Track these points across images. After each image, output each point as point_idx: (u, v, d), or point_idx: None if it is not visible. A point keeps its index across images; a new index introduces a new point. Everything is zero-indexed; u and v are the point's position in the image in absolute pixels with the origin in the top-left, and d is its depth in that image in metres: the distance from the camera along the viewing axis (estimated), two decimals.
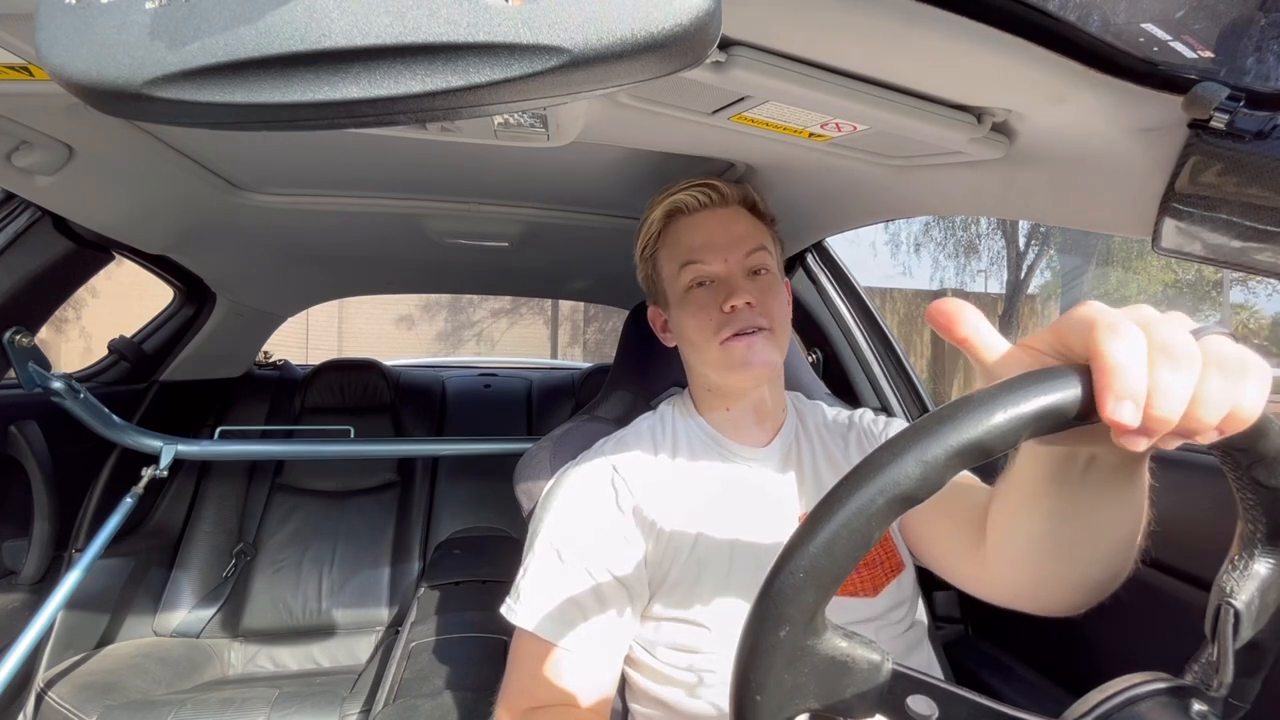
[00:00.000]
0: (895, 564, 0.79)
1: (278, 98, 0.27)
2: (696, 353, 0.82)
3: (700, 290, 0.80)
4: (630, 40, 0.26)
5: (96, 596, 1.60)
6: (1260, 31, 0.47)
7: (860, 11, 0.49)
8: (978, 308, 0.37)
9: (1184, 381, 0.32)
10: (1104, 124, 0.60)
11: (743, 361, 0.77)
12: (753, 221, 0.84)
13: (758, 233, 0.83)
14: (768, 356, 0.78)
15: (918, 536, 0.77)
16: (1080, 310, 0.35)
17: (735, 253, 0.80)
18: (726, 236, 0.81)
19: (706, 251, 0.80)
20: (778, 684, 0.33)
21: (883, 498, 0.31)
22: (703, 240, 0.81)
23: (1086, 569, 0.51)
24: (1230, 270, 0.57)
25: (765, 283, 0.80)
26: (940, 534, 0.72)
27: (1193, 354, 0.32)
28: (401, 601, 1.92)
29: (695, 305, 0.80)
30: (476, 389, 2.55)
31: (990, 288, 12.15)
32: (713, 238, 0.81)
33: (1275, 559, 0.37)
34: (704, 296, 0.79)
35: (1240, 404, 0.32)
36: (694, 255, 0.80)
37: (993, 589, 0.62)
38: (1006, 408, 0.31)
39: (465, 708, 1.18)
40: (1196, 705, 0.36)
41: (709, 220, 0.82)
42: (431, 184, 1.23)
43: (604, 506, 0.77)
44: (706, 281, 0.80)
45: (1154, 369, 0.32)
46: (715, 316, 0.78)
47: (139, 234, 1.31)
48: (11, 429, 1.35)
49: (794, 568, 0.32)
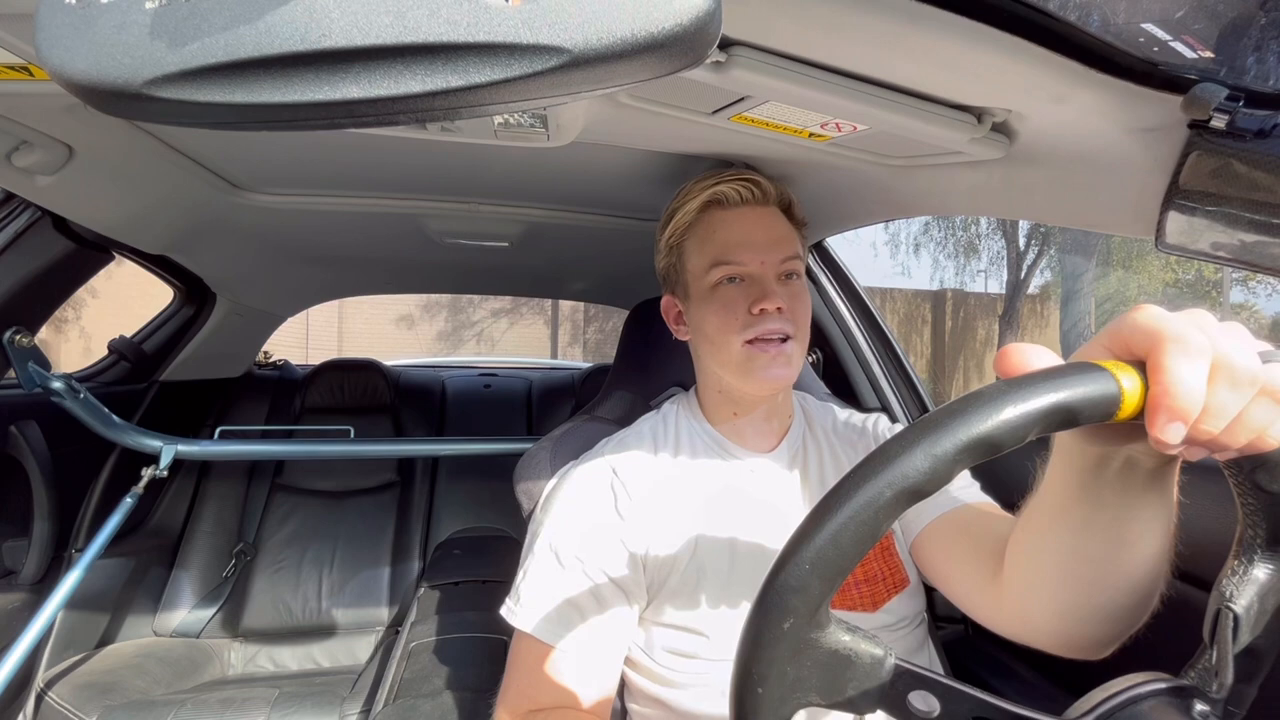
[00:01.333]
0: (899, 580, 0.77)
1: (278, 98, 0.27)
2: (715, 351, 0.78)
3: (730, 287, 0.77)
4: (630, 40, 0.26)
5: (96, 596, 1.60)
6: (1260, 31, 0.47)
7: (860, 11, 0.49)
8: (978, 307, 0.37)
9: (1238, 402, 0.32)
10: (1104, 124, 0.60)
11: (763, 370, 0.74)
12: (788, 225, 0.81)
13: (793, 237, 0.80)
14: (788, 370, 0.75)
15: (933, 563, 0.73)
16: (1141, 316, 0.34)
17: (773, 254, 0.77)
18: (766, 236, 0.78)
19: (743, 249, 0.77)
20: (780, 676, 0.33)
21: (891, 490, 0.31)
22: (740, 237, 0.77)
23: (1113, 594, 0.49)
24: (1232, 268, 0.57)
25: (796, 289, 0.78)
26: (957, 561, 0.69)
27: (1255, 378, 0.32)
28: (401, 601, 1.92)
29: (721, 302, 0.77)
30: (476, 389, 2.55)
31: (990, 288, 12.14)
32: (751, 235, 0.77)
33: (1275, 564, 0.36)
34: (732, 294, 0.76)
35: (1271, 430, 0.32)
36: (729, 252, 0.77)
37: (1010, 621, 0.59)
38: (1016, 403, 0.31)
39: (465, 708, 1.18)
40: (1198, 705, 0.36)
41: (748, 217, 0.79)
42: (431, 184, 1.23)
43: (603, 509, 0.76)
44: (738, 279, 0.77)
45: (1213, 386, 0.32)
46: (742, 316, 0.75)
47: (139, 234, 1.31)
48: (11, 429, 1.35)
49: (800, 559, 0.32)
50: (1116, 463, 0.42)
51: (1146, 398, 0.32)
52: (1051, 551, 0.50)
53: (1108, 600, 0.49)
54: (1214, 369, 0.32)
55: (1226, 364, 0.32)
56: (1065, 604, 0.52)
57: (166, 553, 1.88)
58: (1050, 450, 0.47)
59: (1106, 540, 0.46)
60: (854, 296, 1.46)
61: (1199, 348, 0.32)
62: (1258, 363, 0.32)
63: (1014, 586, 0.57)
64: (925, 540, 0.74)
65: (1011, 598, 0.57)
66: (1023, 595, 0.56)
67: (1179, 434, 0.31)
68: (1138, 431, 0.34)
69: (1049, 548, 0.50)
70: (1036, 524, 0.52)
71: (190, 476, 1.97)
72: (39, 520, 1.40)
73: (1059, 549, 0.49)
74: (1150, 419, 0.32)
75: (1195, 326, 0.32)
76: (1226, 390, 0.32)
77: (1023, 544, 0.55)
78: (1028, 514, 0.53)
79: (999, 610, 0.60)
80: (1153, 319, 0.33)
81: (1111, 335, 0.35)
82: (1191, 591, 0.84)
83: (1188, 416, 0.31)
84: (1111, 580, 0.48)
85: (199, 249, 1.51)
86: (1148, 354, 0.33)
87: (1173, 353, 0.32)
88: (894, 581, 0.77)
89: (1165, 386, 0.31)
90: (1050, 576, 0.51)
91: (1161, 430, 0.31)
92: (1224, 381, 0.32)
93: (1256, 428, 0.32)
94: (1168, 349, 0.32)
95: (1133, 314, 0.34)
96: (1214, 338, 0.32)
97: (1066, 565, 0.49)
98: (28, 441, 1.36)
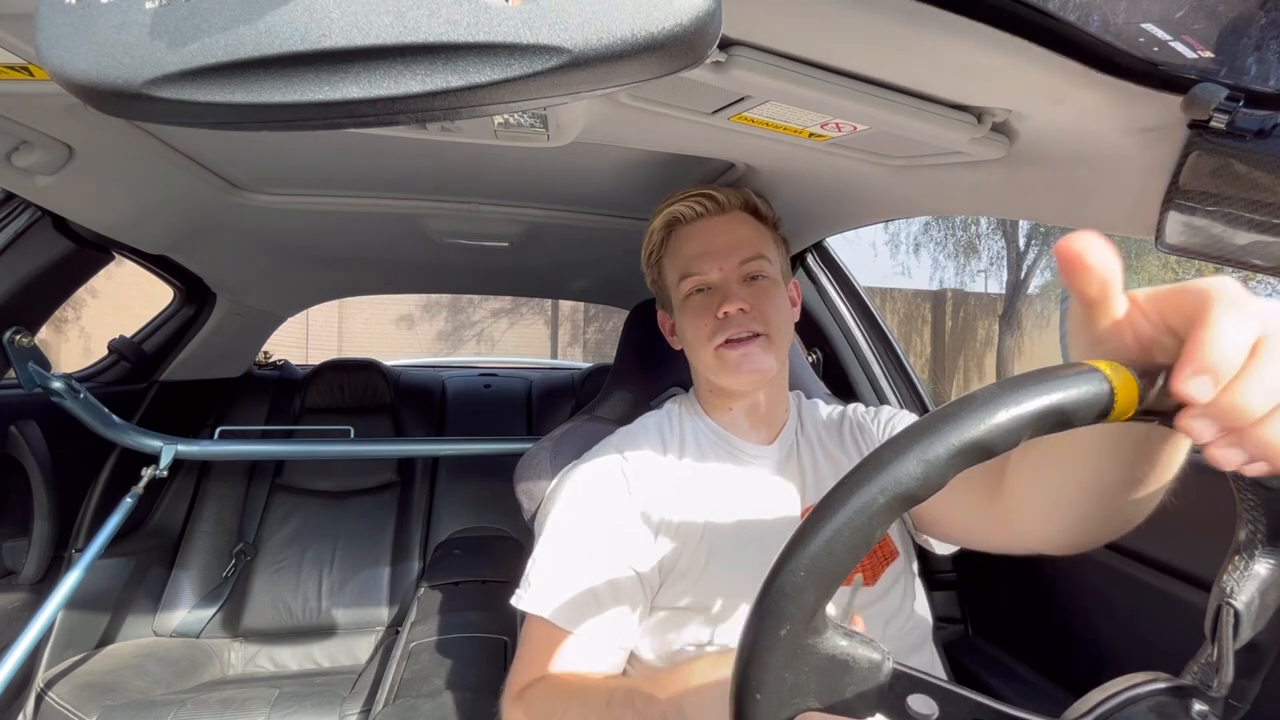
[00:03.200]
0: (888, 551, 0.80)
1: (278, 98, 0.27)
2: (695, 356, 0.85)
3: (698, 297, 0.83)
4: (630, 40, 0.26)
5: (96, 596, 1.60)
6: (1260, 31, 0.47)
7: (860, 11, 0.49)
8: (978, 307, 0.37)
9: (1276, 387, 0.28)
10: (1104, 124, 0.60)
11: (735, 368, 0.79)
12: (754, 226, 0.86)
13: (757, 238, 0.85)
14: (760, 363, 0.79)
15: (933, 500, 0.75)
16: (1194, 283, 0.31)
17: (730, 260, 0.82)
18: (723, 243, 0.83)
19: (703, 260, 0.83)
20: (778, 682, 0.33)
21: (884, 496, 0.31)
22: (699, 249, 0.84)
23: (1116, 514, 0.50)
24: (1232, 269, 0.57)
25: (761, 288, 0.82)
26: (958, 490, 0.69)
27: None
28: (401, 601, 1.92)
29: (692, 311, 0.83)
30: (476, 389, 2.54)
31: (990, 288, 12.13)
32: (709, 246, 0.83)
33: (1275, 560, 0.36)
34: (701, 303, 0.82)
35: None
36: (691, 264, 0.83)
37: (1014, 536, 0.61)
38: (1008, 407, 0.31)
39: (465, 708, 1.18)
40: (1197, 705, 0.36)
41: (706, 229, 0.85)
42: (431, 184, 1.23)
43: (614, 496, 0.78)
44: (704, 288, 0.83)
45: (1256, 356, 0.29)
46: (710, 322, 0.80)
47: (139, 234, 1.31)
48: (11, 429, 1.35)
49: (795, 566, 0.32)
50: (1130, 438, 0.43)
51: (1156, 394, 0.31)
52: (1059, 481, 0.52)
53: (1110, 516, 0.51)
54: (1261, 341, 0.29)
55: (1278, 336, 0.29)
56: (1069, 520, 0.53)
57: (166, 553, 1.88)
58: None
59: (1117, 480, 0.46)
60: (854, 296, 1.46)
61: (1251, 312, 0.29)
62: None
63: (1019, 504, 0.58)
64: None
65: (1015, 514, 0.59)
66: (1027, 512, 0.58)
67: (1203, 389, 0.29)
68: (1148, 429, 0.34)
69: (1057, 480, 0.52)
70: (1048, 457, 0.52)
71: (190, 476, 1.97)
72: (39, 520, 1.40)
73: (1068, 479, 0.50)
74: (1177, 370, 0.29)
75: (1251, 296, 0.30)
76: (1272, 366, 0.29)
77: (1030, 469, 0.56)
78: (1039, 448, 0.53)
79: (1002, 528, 0.62)
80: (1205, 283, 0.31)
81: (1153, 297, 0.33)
82: (1192, 591, 0.84)
83: (1217, 372, 0.29)
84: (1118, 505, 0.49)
85: (199, 249, 1.51)
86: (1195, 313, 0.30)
87: (1221, 306, 0.29)
88: (884, 554, 0.80)
89: (1200, 336, 0.29)
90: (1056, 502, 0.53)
91: (1184, 382, 0.29)
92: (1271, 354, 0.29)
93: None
94: (1216, 304, 0.29)
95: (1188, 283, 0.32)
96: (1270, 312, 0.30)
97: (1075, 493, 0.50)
98: (28, 441, 1.36)
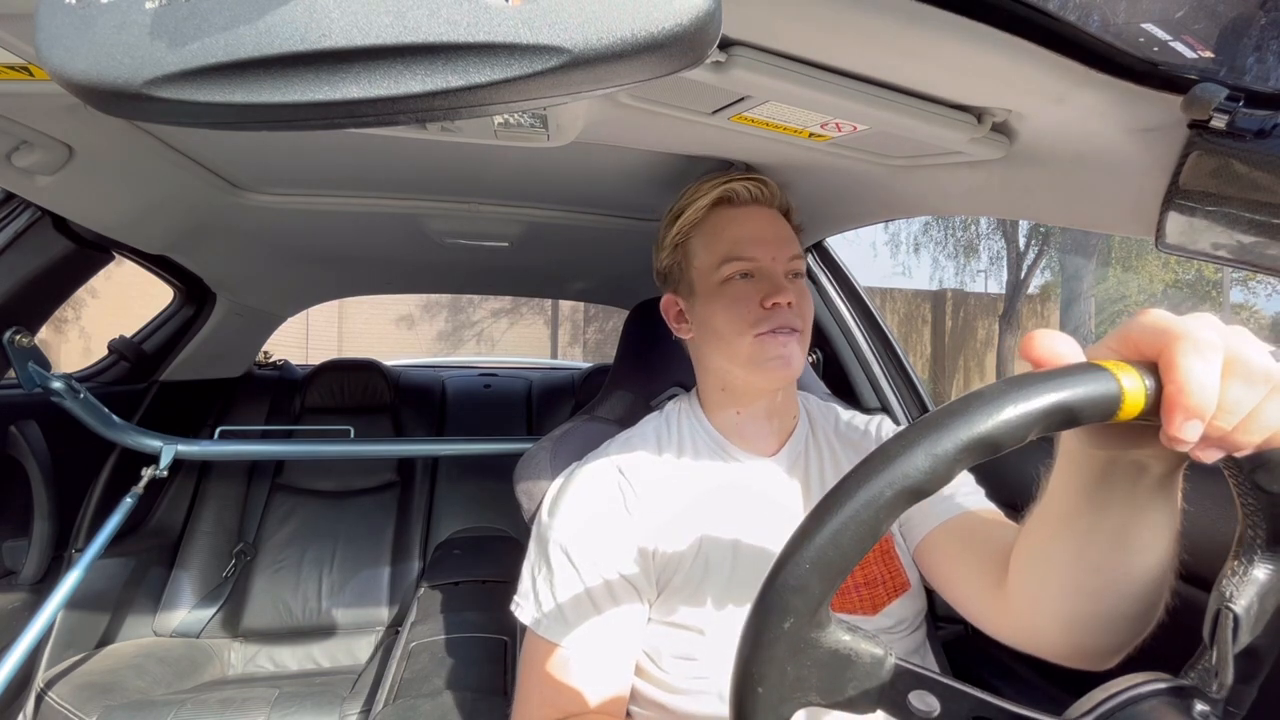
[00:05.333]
0: (899, 583, 0.77)
1: (278, 98, 0.27)
2: (724, 346, 0.79)
3: (741, 283, 0.78)
4: (630, 40, 0.26)
5: (96, 596, 1.60)
6: (1260, 31, 0.47)
7: (860, 11, 0.49)
8: (978, 307, 0.37)
9: (1252, 399, 0.32)
10: (1104, 124, 0.60)
11: (777, 357, 0.75)
12: (789, 227, 0.84)
13: (795, 239, 0.83)
14: (795, 361, 0.76)
15: (937, 570, 0.73)
16: (1149, 318, 0.34)
17: (783, 251, 0.79)
18: (773, 234, 0.80)
19: (755, 245, 0.78)
20: (780, 676, 0.33)
21: (891, 490, 0.31)
22: (752, 234, 0.79)
23: (1118, 602, 0.48)
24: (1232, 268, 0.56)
25: (801, 287, 0.80)
26: (961, 569, 0.68)
27: (1268, 374, 0.32)
28: (401, 601, 1.92)
29: (732, 297, 0.77)
30: (476, 389, 2.54)
31: (990, 288, 12.13)
32: (762, 232, 0.79)
33: (1275, 564, 0.36)
34: (744, 289, 0.77)
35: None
36: (741, 247, 0.78)
37: (1016, 630, 0.58)
38: (1016, 403, 0.31)
39: (465, 708, 1.18)
40: (1198, 705, 0.36)
41: (758, 215, 0.81)
42: (431, 184, 1.23)
43: (611, 508, 0.76)
44: (749, 275, 0.78)
45: (1227, 383, 0.32)
46: (753, 310, 0.76)
47: (139, 234, 1.31)
48: (11, 429, 1.35)
49: (801, 558, 0.32)
50: (1122, 468, 0.42)
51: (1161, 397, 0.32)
52: (1057, 559, 0.50)
53: (1113, 608, 0.49)
54: (1227, 366, 0.32)
55: (1240, 360, 0.32)
56: (1071, 613, 0.51)
57: (166, 553, 1.88)
58: (1055, 457, 0.47)
59: (1112, 547, 0.45)
60: (854, 296, 1.46)
61: (1211, 344, 0.32)
62: (1270, 359, 0.32)
63: (1019, 595, 0.56)
64: (929, 547, 0.73)
65: (1016, 606, 0.57)
66: (1028, 604, 0.56)
67: (1196, 431, 0.31)
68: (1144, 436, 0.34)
69: (1054, 555, 0.50)
70: (1041, 531, 0.51)
71: (190, 476, 1.97)
72: (39, 520, 1.40)
73: (1064, 556, 0.49)
74: (1167, 418, 0.32)
75: (1206, 325, 0.32)
76: (1241, 386, 0.32)
77: (1027, 551, 0.54)
78: (1032, 522, 0.53)
79: (1004, 619, 0.60)
80: (1162, 319, 0.33)
81: (1119, 338, 0.35)
82: (1192, 592, 0.84)
83: (1204, 413, 0.31)
84: (1117, 588, 0.48)
85: (199, 249, 1.51)
86: (1160, 353, 0.33)
87: (1186, 350, 0.31)
88: (894, 585, 0.76)
89: (1180, 384, 0.31)
90: (1055, 584, 0.51)
91: (1179, 429, 0.31)
92: (1238, 378, 0.32)
93: (1270, 425, 0.32)
94: (1180, 347, 0.32)
95: (1140, 317, 0.34)
96: (1224, 335, 0.32)
97: (1072, 573, 0.49)
98: (28, 441, 1.36)
